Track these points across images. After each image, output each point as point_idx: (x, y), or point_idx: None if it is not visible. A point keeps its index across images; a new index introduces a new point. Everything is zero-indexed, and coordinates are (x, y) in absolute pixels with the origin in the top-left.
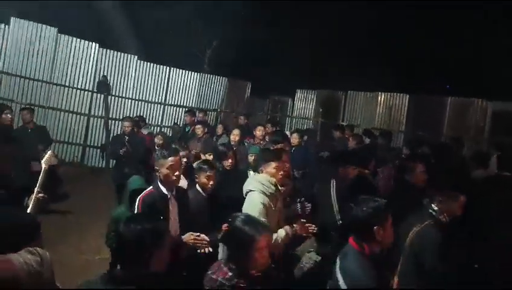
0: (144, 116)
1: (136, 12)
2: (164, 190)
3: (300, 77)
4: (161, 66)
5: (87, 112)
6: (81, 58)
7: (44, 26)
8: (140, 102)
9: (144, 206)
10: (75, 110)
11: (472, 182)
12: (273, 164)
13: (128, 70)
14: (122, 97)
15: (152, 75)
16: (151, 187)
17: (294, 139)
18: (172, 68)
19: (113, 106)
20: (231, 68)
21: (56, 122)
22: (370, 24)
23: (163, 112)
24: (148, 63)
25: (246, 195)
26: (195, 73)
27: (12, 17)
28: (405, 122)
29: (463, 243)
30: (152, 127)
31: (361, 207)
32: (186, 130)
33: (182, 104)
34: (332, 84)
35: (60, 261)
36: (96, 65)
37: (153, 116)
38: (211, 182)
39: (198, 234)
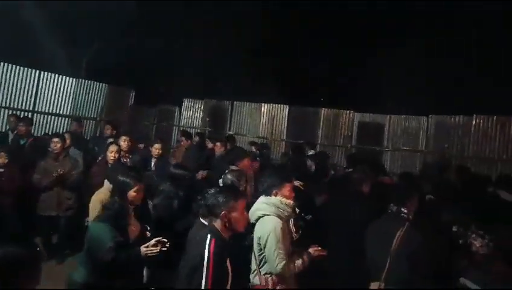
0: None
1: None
2: (225, 236)
3: (188, 86)
4: (29, 70)
5: None
6: None
7: None
8: (2, 109)
9: (217, 261)
10: None
11: None
12: (288, 186)
13: None
14: None
15: (18, 79)
16: (208, 234)
17: (156, 149)
18: (42, 72)
19: None
20: (113, 75)
21: None
22: (256, 38)
23: (32, 120)
24: (13, 66)
25: (256, 220)
26: (70, 78)
27: None
28: (286, 132)
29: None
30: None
31: None
32: (22, 142)
33: (54, 111)
34: (219, 94)
35: None
36: None
37: None
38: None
39: None
